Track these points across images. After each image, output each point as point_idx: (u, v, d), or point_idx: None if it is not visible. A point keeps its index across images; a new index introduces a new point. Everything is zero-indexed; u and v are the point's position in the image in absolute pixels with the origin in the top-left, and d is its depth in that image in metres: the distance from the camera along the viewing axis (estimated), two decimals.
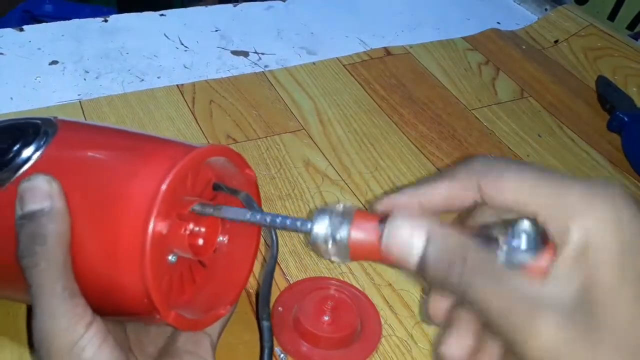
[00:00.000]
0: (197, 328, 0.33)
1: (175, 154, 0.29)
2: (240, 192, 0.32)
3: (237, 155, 0.33)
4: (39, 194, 0.28)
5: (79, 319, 0.27)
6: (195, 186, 0.33)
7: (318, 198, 0.51)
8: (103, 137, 0.33)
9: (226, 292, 0.35)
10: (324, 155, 0.55)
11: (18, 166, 0.30)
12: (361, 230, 0.26)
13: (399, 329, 0.41)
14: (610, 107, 0.65)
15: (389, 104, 0.63)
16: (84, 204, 0.29)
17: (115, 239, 0.28)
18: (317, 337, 0.38)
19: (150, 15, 0.73)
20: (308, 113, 0.60)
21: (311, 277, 0.44)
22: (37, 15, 1.23)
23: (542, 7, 0.84)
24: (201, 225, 0.32)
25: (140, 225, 0.27)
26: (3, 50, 0.63)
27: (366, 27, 0.76)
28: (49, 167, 0.30)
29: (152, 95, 0.59)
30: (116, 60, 0.64)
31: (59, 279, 0.27)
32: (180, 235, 0.31)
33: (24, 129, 0.32)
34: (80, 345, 0.27)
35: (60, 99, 0.58)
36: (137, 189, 0.28)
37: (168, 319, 0.29)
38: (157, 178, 0.28)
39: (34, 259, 0.28)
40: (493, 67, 0.71)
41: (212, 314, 0.34)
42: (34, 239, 0.28)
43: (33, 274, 0.28)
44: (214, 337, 0.34)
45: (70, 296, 0.27)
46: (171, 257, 0.31)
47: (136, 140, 0.32)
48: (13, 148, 0.30)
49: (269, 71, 0.65)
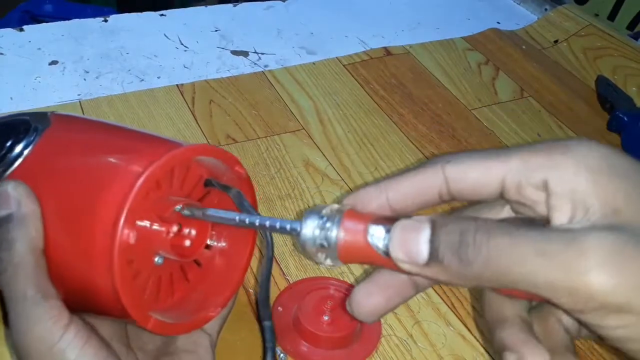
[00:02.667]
0: (181, 332, 0.32)
1: (152, 156, 0.28)
2: (232, 189, 0.31)
3: (223, 153, 0.32)
4: (5, 200, 0.28)
5: (55, 321, 0.27)
6: (185, 184, 0.32)
7: (318, 198, 0.51)
8: (91, 135, 0.32)
9: (220, 291, 0.34)
10: (324, 155, 0.55)
11: (9, 164, 0.30)
12: (351, 231, 0.24)
13: (398, 328, 0.41)
14: (610, 107, 0.65)
15: (388, 104, 0.63)
16: (62, 205, 0.29)
17: (89, 244, 0.27)
18: (317, 337, 0.38)
19: (150, 15, 0.73)
20: (308, 113, 0.60)
21: (311, 277, 0.44)
22: (37, 15, 1.23)
23: (542, 7, 0.84)
24: (189, 226, 0.31)
25: (109, 232, 0.26)
26: (3, 50, 0.63)
27: (366, 27, 0.76)
28: (34, 166, 0.30)
29: (152, 95, 0.59)
30: (116, 60, 0.64)
31: (28, 283, 0.27)
32: (162, 238, 0.30)
33: (16, 126, 0.31)
34: (59, 347, 0.27)
35: (60, 99, 0.58)
36: (110, 194, 0.27)
37: (147, 326, 0.29)
38: (129, 183, 0.27)
39: (2, 264, 0.27)
40: (493, 67, 0.71)
41: (202, 315, 0.33)
42: (0, 244, 0.28)
43: (2, 279, 0.27)
44: (214, 336, 0.34)
45: (43, 299, 0.27)
46: (157, 258, 0.30)
47: (123, 140, 0.31)
48: (5, 145, 0.30)
49: (269, 71, 0.65)
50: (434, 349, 0.41)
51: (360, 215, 0.24)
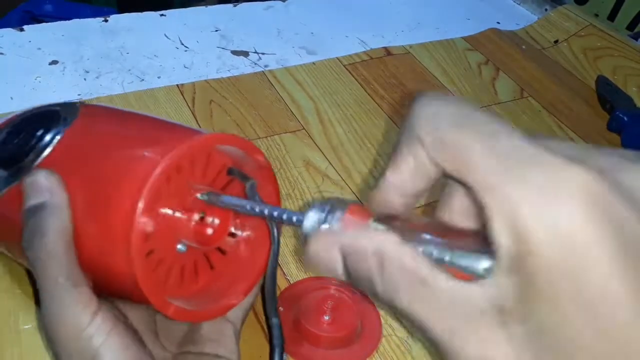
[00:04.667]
0: (203, 319, 0.32)
1: (172, 144, 0.29)
2: (249, 180, 0.31)
3: (243, 142, 0.32)
4: (38, 189, 0.29)
5: (83, 308, 0.28)
6: (207, 173, 0.32)
7: (318, 198, 0.51)
8: (117, 125, 0.33)
9: (243, 280, 0.34)
10: (324, 155, 0.55)
11: (39, 153, 0.31)
12: (353, 225, 0.24)
13: (399, 328, 0.41)
14: (610, 107, 0.65)
15: (389, 104, 0.63)
16: (87, 193, 0.29)
17: (111, 231, 0.28)
18: (318, 337, 0.38)
19: (150, 15, 0.73)
20: (308, 113, 0.60)
21: (311, 277, 0.44)
22: (37, 15, 1.23)
23: (542, 7, 0.84)
24: (213, 214, 0.32)
25: (128, 219, 0.27)
26: (3, 50, 0.63)
27: (366, 27, 0.76)
28: (63, 155, 0.31)
29: (152, 95, 0.59)
30: (116, 60, 0.64)
31: (60, 270, 0.28)
32: (185, 225, 0.30)
33: (46, 116, 0.33)
34: (87, 334, 0.27)
35: (60, 99, 0.58)
36: (130, 182, 0.28)
37: (167, 312, 0.29)
38: (148, 170, 0.28)
39: (34, 252, 0.28)
40: (493, 67, 0.71)
41: (225, 303, 0.33)
42: (34, 233, 0.29)
43: (36, 266, 0.28)
44: (237, 325, 0.34)
45: (73, 286, 0.28)
46: (180, 246, 0.31)
47: (148, 129, 0.32)
48: (36, 135, 0.31)
49: (269, 71, 0.65)
50: None
51: (363, 211, 0.24)
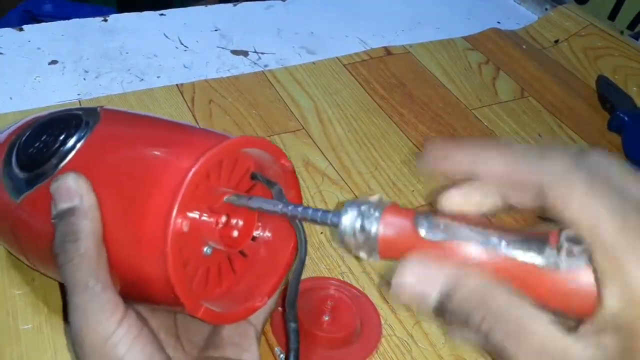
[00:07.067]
0: (230, 321, 0.33)
1: (202, 148, 0.29)
2: (275, 185, 0.32)
3: (269, 145, 0.32)
4: (68, 193, 0.29)
5: (110, 315, 0.27)
6: (232, 176, 0.32)
7: (318, 198, 0.51)
8: (140, 129, 0.33)
9: (265, 282, 0.34)
10: (324, 155, 0.55)
11: (63, 156, 0.31)
12: (392, 225, 0.24)
13: (399, 329, 0.41)
14: (610, 106, 0.65)
15: (389, 104, 0.63)
16: (114, 197, 0.29)
17: (142, 234, 0.28)
18: (317, 337, 0.38)
19: (150, 15, 0.73)
20: (308, 113, 0.60)
21: (311, 277, 0.43)
22: (37, 15, 1.23)
23: (542, 6, 0.84)
24: (237, 216, 0.32)
25: (162, 221, 0.27)
26: (3, 50, 0.63)
27: (366, 27, 0.76)
28: (86, 159, 0.31)
29: (152, 95, 0.59)
30: (116, 60, 0.64)
31: (90, 274, 0.28)
32: (212, 228, 0.31)
33: (69, 120, 0.33)
34: (112, 342, 0.27)
35: (60, 99, 0.58)
36: (163, 185, 0.28)
37: (197, 314, 0.29)
38: (181, 174, 0.28)
39: (67, 256, 0.28)
40: (493, 67, 0.71)
41: (249, 305, 0.33)
42: (66, 237, 0.29)
43: (66, 270, 0.28)
44: (258, 328, 0.34)
45: (102, 290, 0.28)
46: (206, 249, 0.31)
47: (171, 133, 0.32)
48: (59, 138, 0.32)
49: (269, 71, 0.65)
50: (434, 349, 0.41)
51: (401, 211, 0.25)
